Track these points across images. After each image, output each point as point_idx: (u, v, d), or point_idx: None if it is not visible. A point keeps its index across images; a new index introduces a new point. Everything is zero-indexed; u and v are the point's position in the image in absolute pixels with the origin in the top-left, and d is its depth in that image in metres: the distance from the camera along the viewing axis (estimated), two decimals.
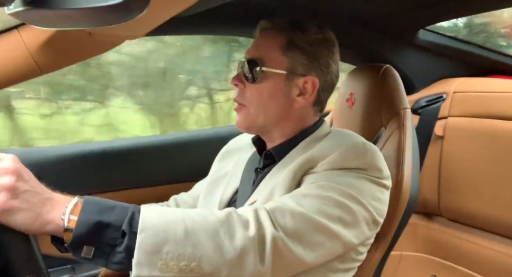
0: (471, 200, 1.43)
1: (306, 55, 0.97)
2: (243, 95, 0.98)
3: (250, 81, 0.97)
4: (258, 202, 0.92)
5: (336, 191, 0.83)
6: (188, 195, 1.23)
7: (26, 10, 0.48)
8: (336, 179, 0.85)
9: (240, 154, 1.14)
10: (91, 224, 0.67)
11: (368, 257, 0.97)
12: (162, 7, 0.67)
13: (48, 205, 0.68)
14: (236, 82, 0.98)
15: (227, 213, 0.76)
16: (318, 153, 0.91)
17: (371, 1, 1.28)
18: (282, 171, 0.94)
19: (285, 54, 0.96)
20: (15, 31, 0.93)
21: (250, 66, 0.96)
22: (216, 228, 0.72)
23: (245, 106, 0.98)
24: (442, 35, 1.61)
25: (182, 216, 0.72)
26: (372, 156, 0.90)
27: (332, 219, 0.81)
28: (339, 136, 0.98)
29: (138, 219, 0.69)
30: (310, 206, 0.80)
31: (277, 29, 0.98)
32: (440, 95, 1.57)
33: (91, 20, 0.50)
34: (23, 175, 0.67)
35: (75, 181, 1.43)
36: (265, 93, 0.96)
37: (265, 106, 0.97)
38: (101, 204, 0.70)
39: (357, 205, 0.84)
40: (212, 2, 1.02)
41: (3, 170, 0.66)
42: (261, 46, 0.99)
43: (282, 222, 0.77)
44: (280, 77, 0.96)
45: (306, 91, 0.98)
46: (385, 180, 0.92)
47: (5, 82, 0.98)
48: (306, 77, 0.97)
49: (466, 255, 1.47)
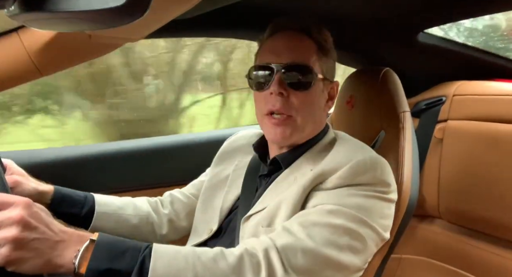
0: (471, 202, 1.43)
1: (332, 59, 0.96)
2: (287, 104, 0.90)
3: (300, 89, 0.90)
4: (265, 212, 0.91)
5: (345, 217, 0.82)
6: (183, 193, 1.21)
7: (26, 13, 0.48)
8: (345, 201, 0.84)
9: (239, 158, 1.13)
10: (101, 272, 0.66)
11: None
12: (163, 10, 0.67)
13: (59, 249, 0.66)
14: (281, 90, 0.89)
15: (239, 258, 0.74)
16: (328, 167, 0.88)
17: (371, 4, 1.28)
18: (289, 181, 0.92)
19: (320, 59, 0.93)
20: (14, 34, 0.94)
21: (298, 71, 0.89)
22: (227, 276, 0.72)
23: (291, 117, 0.91)
24: (442, 38, 1.61)
25: (193, 261, 0.71)
26: (382, 171, 0.89)
27: (342, 249, 0.81)
28: (349, 148, 0.94)
29: (148, 265, 0.68)
30: (320, 237, 0.79)
31: (301, 30, 0.94)
32: (440, 98, 1.57)
33: (91, 23, 0.50)
34: (31, 223, 0.65)
35: (78, 183, 1.42)
36: (311, 101, 0.91)
37: (313, 115, 0.93)
38: (113, 248, 0.69)
39: (366, 228, 0.84)
40: (211, 5, 1.02)
41: (9, 220, 0.64)
42: (299, 50, 0.92)
43: (294, 262, 0.76)
44: (320, 83, 0.93)
45: (332, 96, 0.97)
46: (392, 194, 0.91)
47: (5, 84, 0.98)
48: (333, 82, 0.96)
49: (466, 258, 1.46)
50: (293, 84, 0.89)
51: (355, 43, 1.51)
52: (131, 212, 1.10)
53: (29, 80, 1.01)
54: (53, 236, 0.67)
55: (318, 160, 0.92)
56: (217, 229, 1.04)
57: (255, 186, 1.02)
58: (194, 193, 1.20)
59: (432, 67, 1.64)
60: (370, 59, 1.57)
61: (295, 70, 0.89)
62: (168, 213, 1.16)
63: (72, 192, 1.06)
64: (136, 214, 1.11)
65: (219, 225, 1.04)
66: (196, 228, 1.11)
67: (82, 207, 1.04)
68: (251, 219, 0.93)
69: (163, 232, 1.15)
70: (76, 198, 1.05)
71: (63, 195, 1.03)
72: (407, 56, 1.59)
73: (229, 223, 1.03)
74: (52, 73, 1.02)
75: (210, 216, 1.08)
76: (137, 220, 1.10)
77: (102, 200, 1.08)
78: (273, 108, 0.91)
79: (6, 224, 0.64)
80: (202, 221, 1.10)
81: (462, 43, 1.64)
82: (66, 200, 1.03)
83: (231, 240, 0.99)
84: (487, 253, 1.41)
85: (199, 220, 1.12)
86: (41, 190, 1.00)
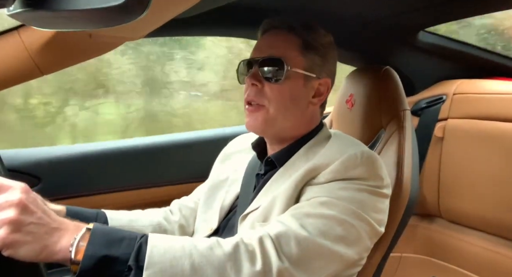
0: (471, 201, 1.43)
1: (321, 56, 0.97)
2: (260, 94, 0.95)
3: (272, 81, 0.94)
4: (260, 209, 0.91)
5: (338, 209, 0.83)
6: (190, 199, 1.22)
7: (26, 12, 0.48)
8: (338, 193, 0.85)
9: (241, 158, 1.14)
10: (98, 258, 0.66)
11: (368, 258, 0.97)
12: (162, 9, 0.67)
13: (55, 236, 0.67)
14: (254, 81, 0.94)
15: (235, 246, 0.75)
16: (320, 162, 0.90)
17: (371, 3, 1.28)
18: (284, 179, 0.93)
19: (303, 55, 0.95)
20: (15, 32, 0.94)
21: (270, 64, 0.94)
22: (223, 263, 0.72)
23: (263, 106, 0.95)
24: (442, 36, 1.61)
25: (190, 249, 0.72)
26: (374, 165, 0.90)
27: (335, 240, 0.81)
28: (341, 144, 0.96)
29: (145, 252, 0.69)
30: (313, 228, 0.80)
31: (288, 29, 0.97)
32: (440, 96, 1.58)
33: (92, 22, 0.50)
34: (29, 206, 0.65)
35: (81, 181, 1.43)
36: (286, 93, 0.94)
37: (287, 107, 0.95)
38: (109, 236, 0.70)
39: (359, 221, 0.84)
40: (211, 4, 1.02)
41: (7, 203, 0.65)
42: (278, 46, 0.96)
43: (287, 250, 0.77)
44: (300, 78, 0.95)
45: (320, 92, 0.98)
46: (385, 189, 0.92)
47: (5, 83, 0.98)
48: (321, 79, 0.97)
49: (466, 257, 1.46)
50: (267, 76, 0.94)
51: (355, 41, 1.51)
52: (143, 223, 1.11)
53: (29, 79, 1.01)
54: (50, 222, 0.67)
55: (312, 156, 0.94)
56: (216, 227, 1.05)
57: (253, 185, 1.03)
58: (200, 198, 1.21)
59: (432, 66, 1.64)
60: (370, 57, 1.57)
61: (269, 63, 0.94)
62: (178, 219, 1.17)
63: (83, 210, 1.06)
64: (149, 224, 1.12)
65: (219, 224, 1.05)
66: (197, 227, 1.12)
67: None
68: (247, 217, 0.94)
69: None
70: (88, 215, 1.05)
71: (75, 213, 1.02)
72: (407, 54, 1.59)
73: (228, 222, 1.04)
74: (52, 72, 1.02)
75: (210, 215, 1.08)
76: (150, 230, 1.11)
77: (113, 215, 1.09)
78: (248, 98, 0.96)
79: (4, 206, 0.64)
80: (203, 220, 1.11)
81: (463, 41, 1.64)
82: (79, 218, 1.03)
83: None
84: (486, 251, 1.41)
85: (200, 219, 1.12)
86: (54, 209, 1.00)
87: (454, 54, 1.61)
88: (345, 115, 1.26)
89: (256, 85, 0.94)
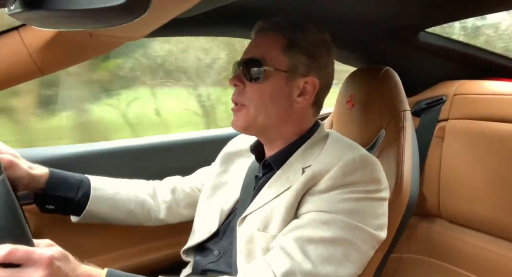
0: (472, 202, 1.43)
1: (307, 55, 0.97)
2: (242, 95, 0.97)
3: (252, 81, 0.96)
4: (260, 214, 0.93)
5: (339, 226, 0.84)
6: (187, 183, 1.23)
7: (27, 11, 0.48)
8: (337, 207, 0.86)
9: (241, 160, 1.14)
10: None
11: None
12: (163, 9, 0.67)
13: None
14: (235, 82, 0.97)
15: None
16: (319, 169, 0.91)
17: (371, 3, 1.28)
18: (281, 181, 0.94)
19: (286, 54, 0.96)
20: (15, 32, 0.93)
21: (250, 65, 0.96)
22: None
23: (245, 106, 0.97)
24: (443, 37, 1.61)
25: None
26: (372, 169, 0.91)
27: (339, 262, 0.83)
28: (338, 148, 0.96)
29: None
30: (316, 256, 0.82)
31: (277, 29, 0.98)
32: (441, 97, 1.57)
33: (92, 21, 0.50)
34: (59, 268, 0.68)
35: None
36: (266, 92, 0.96)
37: (266, 106, 0.96)
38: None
39: (361, 234, 0.86)
40: (212, 4, 1.02)
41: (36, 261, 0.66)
42: (261, 46, 0.98)
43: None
44: (281, 77, 0.96)
45: (307, 91, 0.98)
46: (384, 192, 0.92)
47: (5, 83, 0.98)
48: (307, 77, 0.97)
49: (466, 258, 1.46)
50: (247, 77, 0.96)
51: (356, 42, 1.51)
52: (127, 196, 1.11)
53: (30, 79, 1.01)
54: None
55: (308, 157, 0.95)
56: (216, 230, 1.05)
57: (252, 186, 1.03)
58: (199, 188, 1.22)
59: (433, 66, 1.64)
60: (370, 58, 1.57)
61: (248, 64, 0.96)
62: (168, 200, 1.18)
63: (68, 175, 1.06)
64: (132, 199, 1.12)
65: (219, 226, 1.05)
66: (195, 228, 1.12)
67: (77, 191, 1.05)
68: (246, 220, 0.95)
69: (160, 216, 1.17)
70: (72, 181, 1.05)
71: (58, 178, 1.03)
72: (408, 55, 1.59)
73: (228, 224, 1.05)
74: (53, 72, 1.02)
75: (210, 217, 1.08)
76: (133, 205, 1.11)
77: (98, 184, 1.08)
78: (232, 98, 0.99)
79: (34, 267, 0.66)
80: (202, 221, 1.11)
81: (463, 42, 1.64)
82: (62, 184, 1.03)
83: (230, 241, 1.00)
84: (487, 252, 1.41)
85: (199, 220, 1.12)
86: (35, 174, 1.00)
87: (454, 55, 1.61)
88: (345, 115, 1.26)
89: (238, 85, 0.97)
